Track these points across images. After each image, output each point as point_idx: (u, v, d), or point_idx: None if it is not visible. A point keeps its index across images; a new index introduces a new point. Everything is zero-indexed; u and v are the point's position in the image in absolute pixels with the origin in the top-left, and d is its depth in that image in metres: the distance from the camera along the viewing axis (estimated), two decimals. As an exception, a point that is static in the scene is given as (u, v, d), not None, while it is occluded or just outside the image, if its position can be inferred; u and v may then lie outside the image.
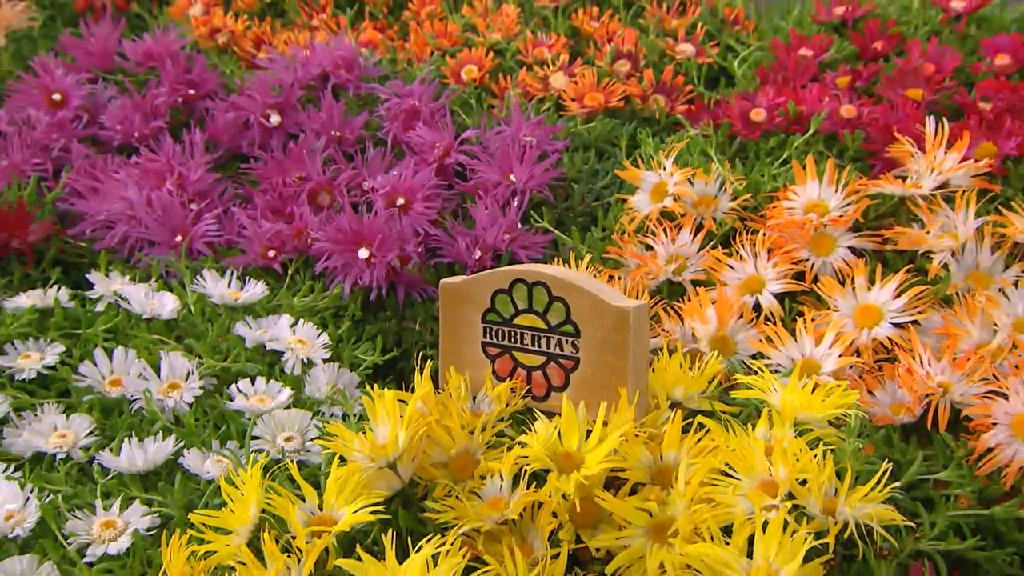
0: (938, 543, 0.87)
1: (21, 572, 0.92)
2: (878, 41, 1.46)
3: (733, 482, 0.83)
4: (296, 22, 1.75)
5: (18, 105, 1.52)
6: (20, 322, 1.16)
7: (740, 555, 0.77)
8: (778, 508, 0.80)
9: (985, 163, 1.17)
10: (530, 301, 0.94)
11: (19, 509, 0.96)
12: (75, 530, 0.94)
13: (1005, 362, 1.01)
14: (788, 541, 0.77)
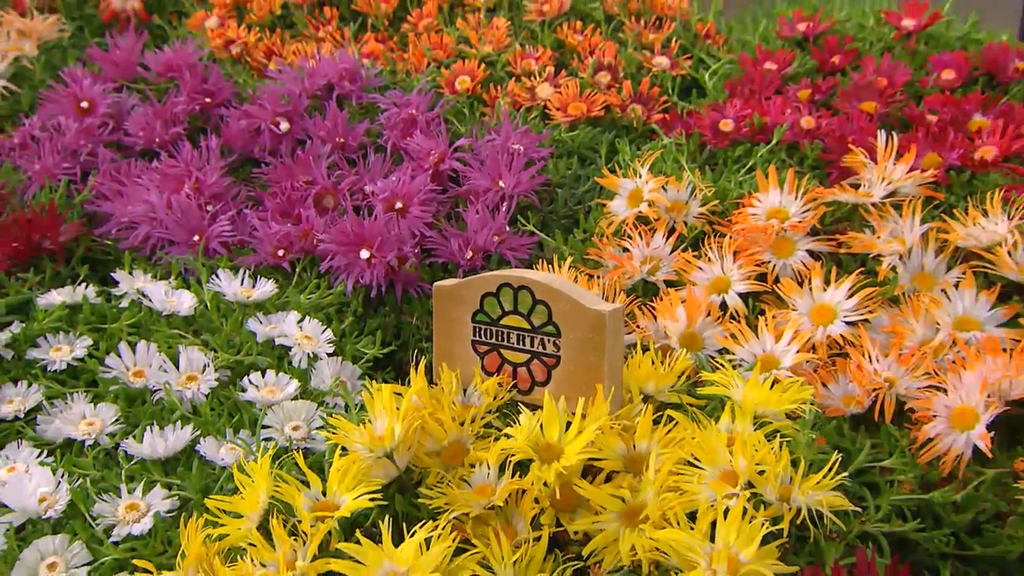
0: (882, 525, 0.87)
1: (54, 550, 0.92)
2: (836, 56, 1.46)
3: (698, 472, 0.84)
4: (304, 33, 1.73)
5: (49, 113, 1.51)
6: (51, 317, 1.15)
7: (703, 539, 0.78)
8: (738, 496, 0.81)
9: (931, 173, 1.17)
10: (516, 304, 0.94)
11: (51, 492, 0.96)
12: (102, 512, 0.95)
13: (946, 358, 1.00)
14: (747, 527, 0.78)
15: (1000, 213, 1.09)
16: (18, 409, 1.07)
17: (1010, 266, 1.05)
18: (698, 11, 1.72)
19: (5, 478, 0.99)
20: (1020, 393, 0.92)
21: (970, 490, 0.90)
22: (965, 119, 1.27)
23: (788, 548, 0.82)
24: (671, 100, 1.52)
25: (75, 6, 1.83)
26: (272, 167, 1.37)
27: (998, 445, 0.92)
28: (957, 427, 0.91)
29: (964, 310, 1.04)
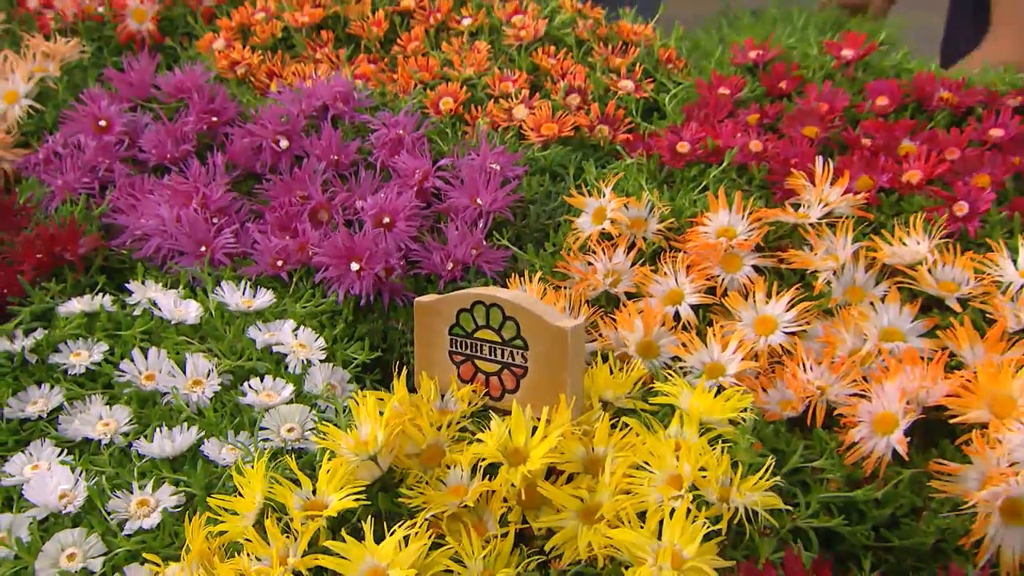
0: (812, 520, 0.88)
1: (73, 542, 0.93)
2: (783, 82, 1.46)
3: (648, 475, 0.85)
4: (303, 55, 1.72)
5: (71, 130, 1.50)
6: (71, 325, 1.15)
7: (651, 538, 0.80)
8: (682, 498, 0.82)
9: (862, 196, 1.17)
10: (488, 319, 0.96)
11: (71, 489, 0.97)
12: (116, 507, 0.95)
13: (872, 366, 1.01)
14: (690, 526, 0.80)
15: (922, 234, 1.10)
16: (42, 409, 1.07)
17: (930, 282, 1.06)
18: (661, 37, 1.72)
19: (29, 476, 0.99)
20: (935, 400, 0.93)
21: (890, 488, 0.91)
22: (895, 144, 1.27)
23: (727, 544, 0.83)
24: (635, 121, 1.52)
25: (95, 28, 1.81)
26: (272, 183, 1.36)
27: (915, 447, 0.93)
28: (879, 431, 0.92)
29: (889, 322, 1.05)
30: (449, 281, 1.24)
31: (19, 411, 1.08)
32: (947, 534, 0.88)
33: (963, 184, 1.17)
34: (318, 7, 1.78)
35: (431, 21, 1.74)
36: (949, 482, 0.88)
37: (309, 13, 1.76)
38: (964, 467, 0.88)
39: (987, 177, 1.17)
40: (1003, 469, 0.86)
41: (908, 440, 0.90)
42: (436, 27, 1.75)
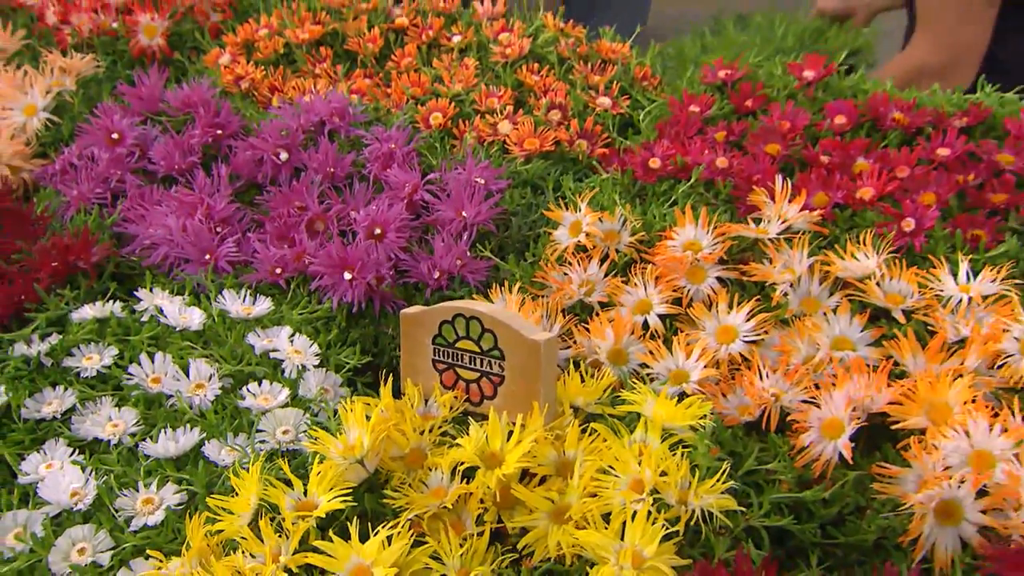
0: (764, 519, 0.89)
1: (83, 538, 0.94)
2: (749, 100, 1.45)
3: (613, 479, 0.86)
4: (303, 70, 1.72)
5: (85, 143, 1.50)
6: (84, 330, 1.16)
7: (615, 539, 0.81)
8: (644, 501, 0.83)
9: (817, 213, 1.18)
10: (468, 331, 0.97)
11: (81, 488, 0.98)
12: (123, 505, 0.97)
13: (824, 373, 1.01)
14: (650, 528, 0.81)
15: (871, 249, 1.11)
16: (56, 410, 1.08)
17: (878, 295, 1.07)
18: (638, 55, 1.71)
19: (44, 474, 1.00)
20: (879, 407, 0.94)
21: (836, 489, 0.92)
22: (850, 162, 1.28)
23: (684, 544, 0.84)
24: (611, 136, 1.52)
25: (109, 43, 1.81)
26: (271, 195, 1.37)
27: (861, 451, 0.94)
28: (827, 436, 0.93)
29: (840, 332, 1.06)
30: (436, 289, 1.24)
31: (35, 412, 1.08)
32: (887, 532, 0.89)
33: (910, 202, 1.18)
34: (318, 24, 1.78)
35: (423, 38, 1.74)
36: (890, 484, 0.90)
37: (309, 30, 1.76)
38: (903, 470, 0.90)
39: (933, 195, 1.18)
40: (938, 473, 0.87)
41: (852, 445, 0.91)
42: (428, 44, 1.74)
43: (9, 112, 1.62)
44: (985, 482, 0.85)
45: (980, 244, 1.13)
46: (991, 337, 0.98)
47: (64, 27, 1.83)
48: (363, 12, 1.81)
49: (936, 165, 1.25)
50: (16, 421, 1.08)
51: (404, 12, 1.81)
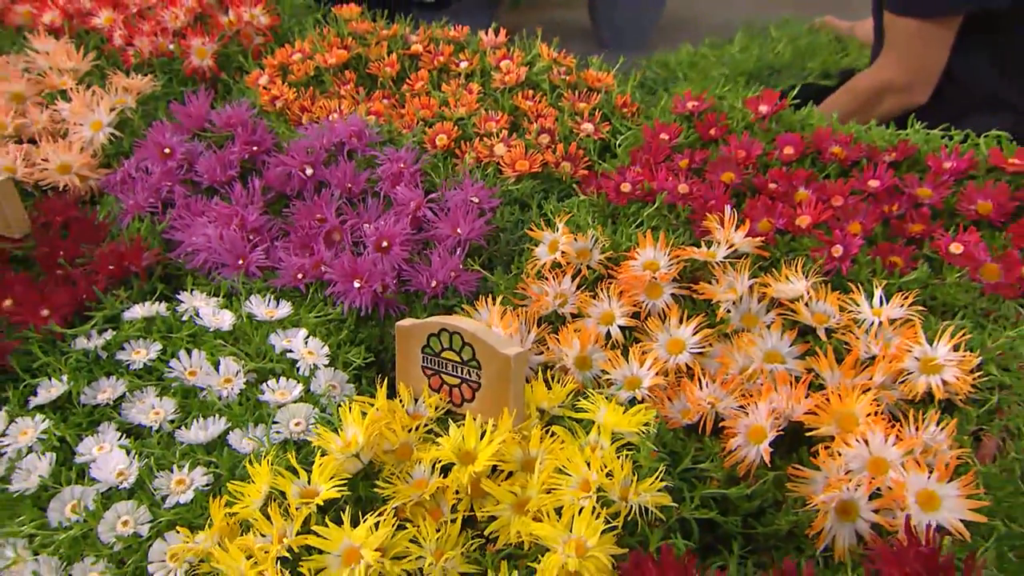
0: (695, 512, 0.92)
1: (127, 512, 0.98)
2: (713, 129, 1.45)
3: (566, 478, 0.89)
4: (330, 91, 1.74)
5: (141, 156, 1.53)
6: (134, 327, 1.19)
7: (564, 531, 0.84)
8: (589, 499, 0.86)
9: (761, 238, 1.19)
10: (451, 343, 0.99)
11: (126, 468, 1.01)
12: (160, 485, 0.99)
13: (755, 383, 1.03)
14: (593, 521, 0.84)
15: (800, 275, 1.12)
16: (109, 397, 1.10)
17: (805, 315, 1.09)
18: (620, 83, 1.71)
19: (96, 456, 1.03)
20: (798, 416, 0.96)
21: (757, 486, 0.95)
22: (793, 191, 1.28)
23: (624, 534, 0.87)
24: (592, 159, 1.52)
25: (166, 63, 1.83)
26: (296, 208, 1.39)
27: (781, 454, 0.97)
28: (752, 441, 0.96)
29: (772, 346, 1.08)
30: (432, 297, 1.26)
31: (92, 398, 1.11)
32: (798, 524, 0.92)
33: (839, 231, 1.19)
34: (344, 49, 1.80)
35: (435, 63, 1.76)
36: (801, 484, 0.93)
37: (336, 55, 1.78)
38: (813, 473, 0.93)
39: (859, 225, 1.19)
40: (840, 477, 0.90)
41: (772, 450, 0.94)
42: (439, 69, 1.76)
43: (79, 127, 1.64)
44: (878, 486, 0.89)
45: (896, 270, 1.15)
46: (895, 356, 1.00)
47: (128, 49, 1.85)
48: (384, 39, 1.83)
49: (867, 196, 1.26)
50: (76, 406, 1.11)
51: (419, 39, 1.83)
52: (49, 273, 1.31)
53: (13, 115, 1.69)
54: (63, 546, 0.97)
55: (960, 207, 1.18)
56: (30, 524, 1.00)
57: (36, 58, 1.82)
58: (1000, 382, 0.99)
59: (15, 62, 1.82)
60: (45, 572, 0.97)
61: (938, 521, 0.85)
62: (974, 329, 1.05)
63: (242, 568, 0.85)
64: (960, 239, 1.13)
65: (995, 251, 1.12)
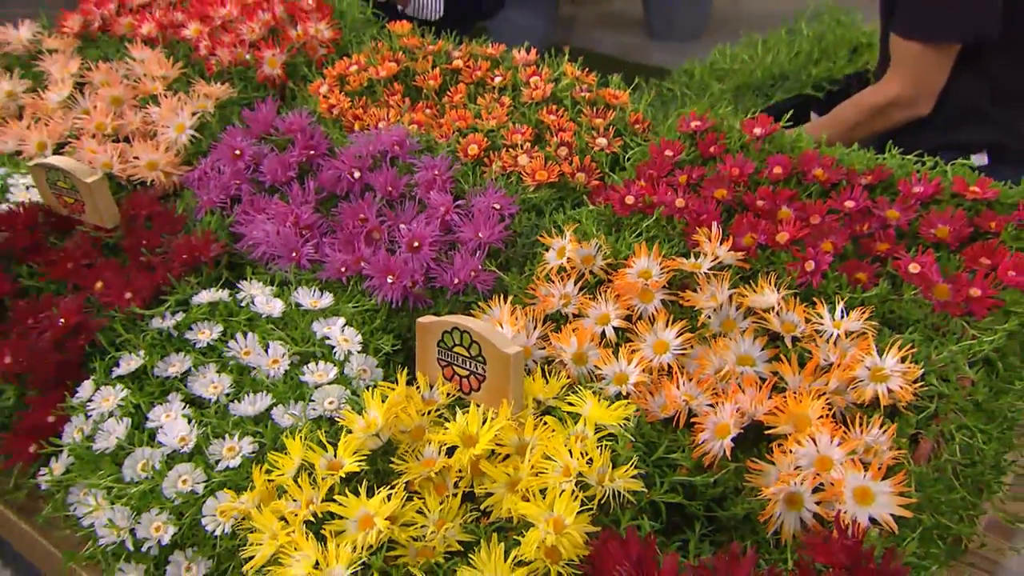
0: (664, 496, 0.95)
1: (186, 472, 1.03)
2: (712, 147, 1.45)
3: (551, 463, 0.92)
4: (380, 100, 1.76)
5: (216, 157, 1.57)
6: (200, 311, 1.23)
7: (546, 510, 0.88)
8: (570, 483, 0.89)
9: (743, 253, 1.20)
10: (461, 340, 1.02)
11: (187, 435, 1.06)
12: (214, 451, 1.04)
13: (728, 383, 1.05)
14: (572, 503, 0.87)
15: (773, 287, 1.13)
16: (177, 371, 1.15)
17: (775, 324, 1.11)
18: (635, 101, 1.71)
19: (163, 423, 1.08)
20: (760, 416, 0.99)
21: (720, 475, 0.97)
22: (777, 209, 1.28)
23: (599, 514, 0.90)
24: (603, 172, 1.53)
25: (242, 71, 1.86)
26: (343, 208, 1.42)
27: (744, 448, 0.99)
28: (717, 436, 0.98)
29: (745, 350, 1.09)
30: (455, 293, 1.29)
31: (163, 372, 1.16)
32: (753, 510, 0.94)
33: (812, 248, 1.20)
34: (394, 63, 1.82)
35: (472, 78, 1.77)
36: (757, 476, 0.95)
37: (387, 68, 1.80)
38: (767, 466, 0.95)
39: (830, 243, 1.19)
40: (790, 472, 0.93)
41: (733, 446, 0.96)
42: (476, 83, 1.78)
43: (166, 129, 1.69)
44: (822, 481, 0.91)
45: (859, 286, 1.15)
46: (849, 365, 1.02)
47: (211, 58, 1.89)
48: (429, 54, 1.85)
49: (843, 215, 1.26)
50: (150, 378, 1.16)
51: (460, 55, 1.85)
52: (133, 260, 1.36)
53: (112, 117, 1.74)
54: (134, 499, 1.03)
55: (921, 230, 1.18)
56: (108, 478, 1.06)
57: (134, 66, 1.87)
58: (939, 391, 1.00)
59: (117, 68, 1.88)
60: (119, 520, 1.03)
61: (871, 514, 0.87)
62: (923, 342, 1.06)
63: (275, 528, 0.90)
64: (918, 260, 1.13)
65: (947, 272, 1.12)
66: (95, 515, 1.05)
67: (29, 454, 1.17)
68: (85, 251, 1.37)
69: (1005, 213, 1.18)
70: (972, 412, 0.99)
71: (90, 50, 2.02)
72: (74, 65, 1.91)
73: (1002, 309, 1.07)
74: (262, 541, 0.90)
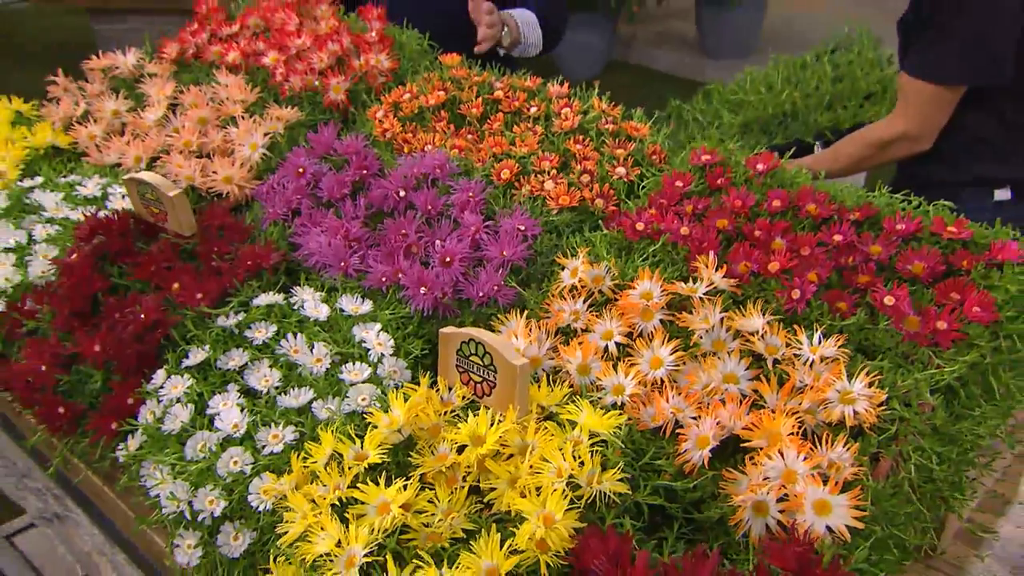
0: (647, 498, 0.97)
1: (238, 455, 1.07)
2: (720, 179, 1.45)
3: (547, 465, 0.94)
4: (428, 126, 1.79)
5: (282, 174, 1.62)
6: (259, 312, 1.27)
7: (540, 506, 0.90)
8: (562, 483, 0.92)
9: (736, 280, 1.20)
10: (476, 350, 1.05)
11: (239, 422, 1.10)
12: (260, 437, 1.08)
13: (713, 398, 1.06)
14: (562, 501, 0.89)
15: (759, 313, 1.14)
16: (236, 365, 1.19)
17: (759, 346, 1.11)
18: (653, 134, 1.70)
19: (220, 410, 1.12)
20: (737, 430, 1.00)
21: (699, 482, 0.98)
22: (771, 240, 1.28)
23: (586, 512, 0.92)
24: (620, 198, 1.53)
25: (311, 96, 1.91)
26: (387, 224, 1.46)
27: (723, 457, 1.00)
28: (698, 447, 0.99)
29: (731, 369, 1.10)
30: (479, 305, 1.31)
31: (224, 364, 1.20)
32: (725, 514, 0.96)
33: (800, 277, 1.20)
34: (443, 92, 1.85)
35: (511, 107, 1.80)
36: (731, 484, 0.97)
37: (435, 96, 1.83)
38: (740, 476, 0.97)
39: (816, 274, 1.18)
40: (759, 482, 0.94)
41: (711, 457, 0.98)
42: (513, 112, 1.80)
43: (241, 147, 1.75)
44: (786, 492, 0.92)
45: (839, 314, 1.15)
46: (821, 388, 1.02)
47: (285, 84, 1.95)
48: (474, 84, 1.88)
49: (831, 248, 1.25)
50: (212, 370, 1.20)
51: (502, 86, 1.87)
52: (205, 265, 1.42)
53: (197, 135, 1.80)
54: (192, 475, 1.09)
55: (899, 266, 1.17)
56: (172, 456, 1.12)
57: (219, 90, 1.93)
58: (901, 415, 1.00)
59: (205, 92, 1.94)
60: (179, 493, 1.08)
61: (828, 524, 0.88)
62: (892, 369, 1.06)
63: (305, 509, 0.95)
64: (893, 292, 1.12)
65: (919, 306, 1.11)
66: (160, 487, 1.10)
67: (111, 431, 1.23)
68: (166, 256, 1.43)
69: (978, 253, 1.17)
70: (929, 435, 0.99)
71: (184, 75, 2.09)
72: (169, 88, 1.98)
73: (965, 342, 1.06)
74: (295, 520, 0.94)
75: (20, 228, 1.64)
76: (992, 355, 1.05)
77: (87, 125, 1.93)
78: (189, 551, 1.08)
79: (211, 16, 2.19)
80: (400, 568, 0.89)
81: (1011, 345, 1.06)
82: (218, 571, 1.07)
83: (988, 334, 1.06)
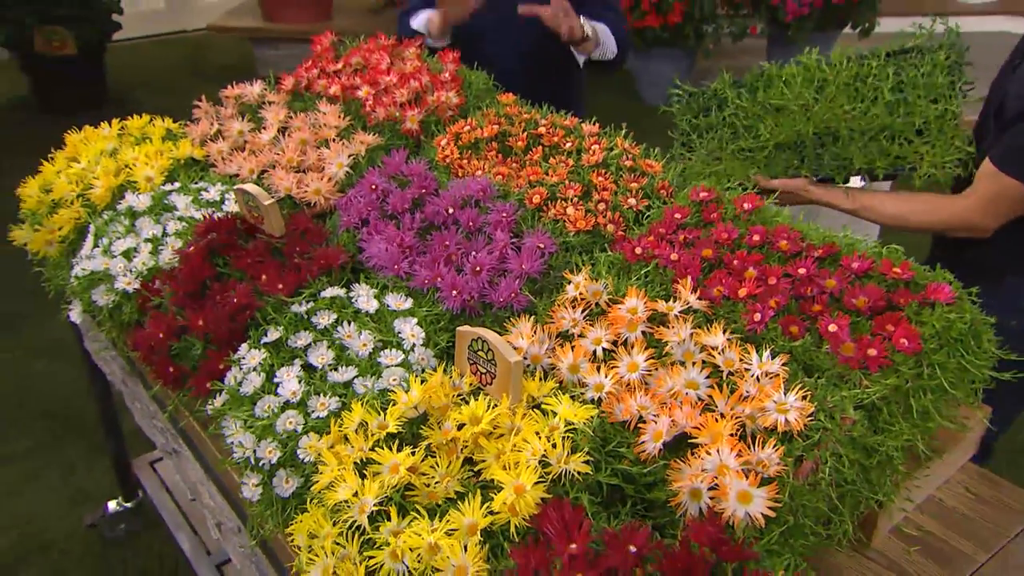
0: (607, 479, 1.00)
1: (292, 417, 1.13)
2: (713, 213, 1.45)
3: (526, 445, 0.98)
4: (481, 155, 1.83)
5: (359, 190, 1.69)
6: (324, 302, 1.32)
7: (515, 478, 0.93)
8: (535, 460, 0.96)
9: (708, 302, 1.21)
10: (482, 347, 1.09)
11: (297, 391, 1.17)
12: (311, 405, 1.14)
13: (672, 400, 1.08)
14: (533, 474, 0.93)
15: (721, 332, 1.15)
16: (302, 344, 1.24)
17: (718, 359, 1.13)
18: (666, 171, 1.71)
19: (283, 380, 1.18)
20: (688, 428, 1.02)
21: (652, 468, 1.01)
22: (744, 270, 1.28)
23: (554, 486, 0.96)
24: (628, 225, 1.55)
25: (391, 125, 1.99)
26: (434, 237, 1.51)
27: (674, 450, 1.03)
28: (654, 440, 1.02)
29: (693, 377, 1.11)
30: (498, 309, 1.35)
31: (293, 343, 1.26)
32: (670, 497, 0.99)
33: (763, 303, 1.21)
34: (496, 125, 1.90)
35: (550, 141, 1.83)
36: (675, 472, 0.99)
37: (489, 130, 1.87)
38: (683, 466, 0.99)
39: (775, 301, 1.19)
40: (697, 472, 0.97)
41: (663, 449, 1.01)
42: (552, 146, 1.84)
43: (330, 165, 1.84)
44: (717, 482, 0.95)
45: (789, 338, 1.16)
46: (762, 398, 1.04)
47: (372, 114, 2.04)
48: (522, 120, 1.92)
49: (794, 279, 1.25)
50: (284, 347, 1.26)
51: (545, 123, 1.91)
52: (288, 261, 1.50)
53: (298, 154, 1.91)
54: (258, 430, 1.17)
55: (845, 299, 1.17)
56: (245, 413, 1.21)
57: (319, 117, 2.03)
58: (824, 426, 1.01)
59: (309, 118, 2.05)
60: (246, 442, 1.17)
61: (747, 511, 0.91)
62: (825, 387, 1.06)
63: (334, 464, 1.02)
64: (836, 322, 1.13)
65: (857, 335, 1.11)
66: (234, 436, 1.20)
67: (206, 389, 1.33)
68: (259, 252, 1.52)
69: (916, 292, 1.16)
70: (847, 444, 1.00)
71: (296, 103, 2.20)
72: (282, 114, 2.09)
73: (891, 368, 1.06)
74: (325, 472, 1.02)
75: (158, 223, 1.77)
76: (914, 380, 1.05)
77: (218, 142, 2.06)
78: (253, 489, 1.17)
79: (323, 55, 2.30)
80: (401, 518, 0.96)
81: (932, 372, 1.05)
82: (273, 506, 1.15)
83: (912, 362, 1.05)
